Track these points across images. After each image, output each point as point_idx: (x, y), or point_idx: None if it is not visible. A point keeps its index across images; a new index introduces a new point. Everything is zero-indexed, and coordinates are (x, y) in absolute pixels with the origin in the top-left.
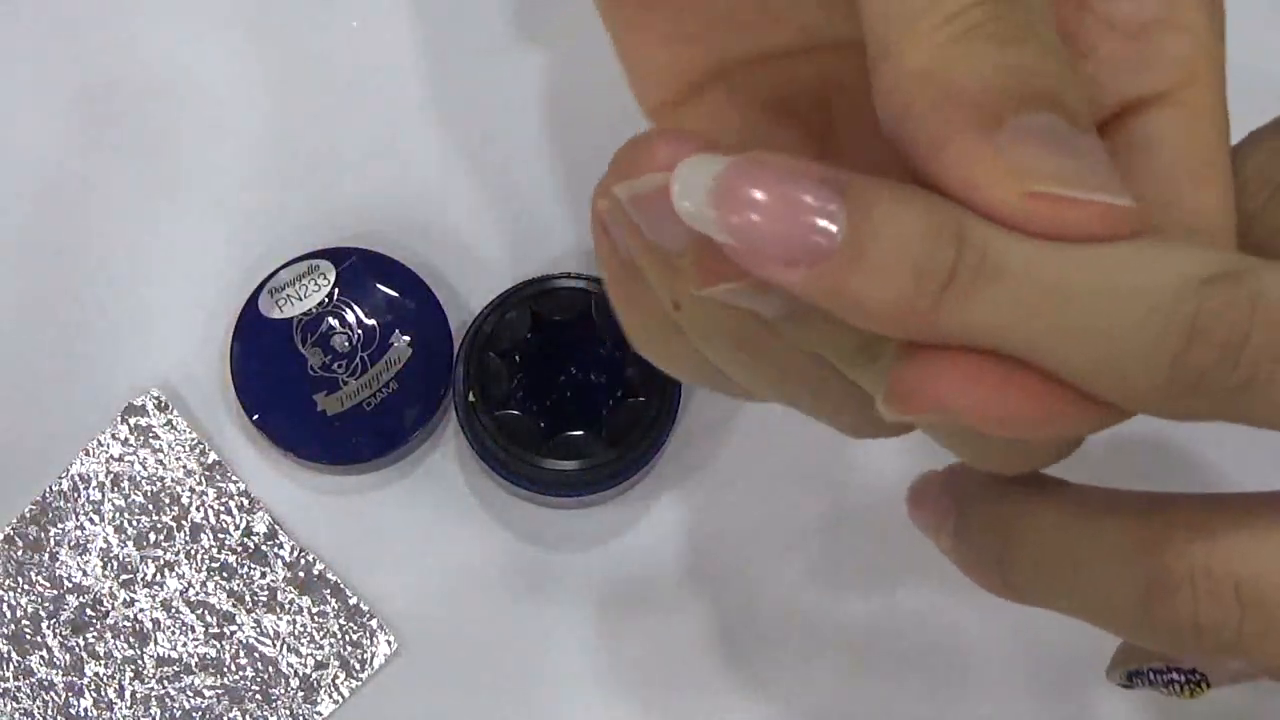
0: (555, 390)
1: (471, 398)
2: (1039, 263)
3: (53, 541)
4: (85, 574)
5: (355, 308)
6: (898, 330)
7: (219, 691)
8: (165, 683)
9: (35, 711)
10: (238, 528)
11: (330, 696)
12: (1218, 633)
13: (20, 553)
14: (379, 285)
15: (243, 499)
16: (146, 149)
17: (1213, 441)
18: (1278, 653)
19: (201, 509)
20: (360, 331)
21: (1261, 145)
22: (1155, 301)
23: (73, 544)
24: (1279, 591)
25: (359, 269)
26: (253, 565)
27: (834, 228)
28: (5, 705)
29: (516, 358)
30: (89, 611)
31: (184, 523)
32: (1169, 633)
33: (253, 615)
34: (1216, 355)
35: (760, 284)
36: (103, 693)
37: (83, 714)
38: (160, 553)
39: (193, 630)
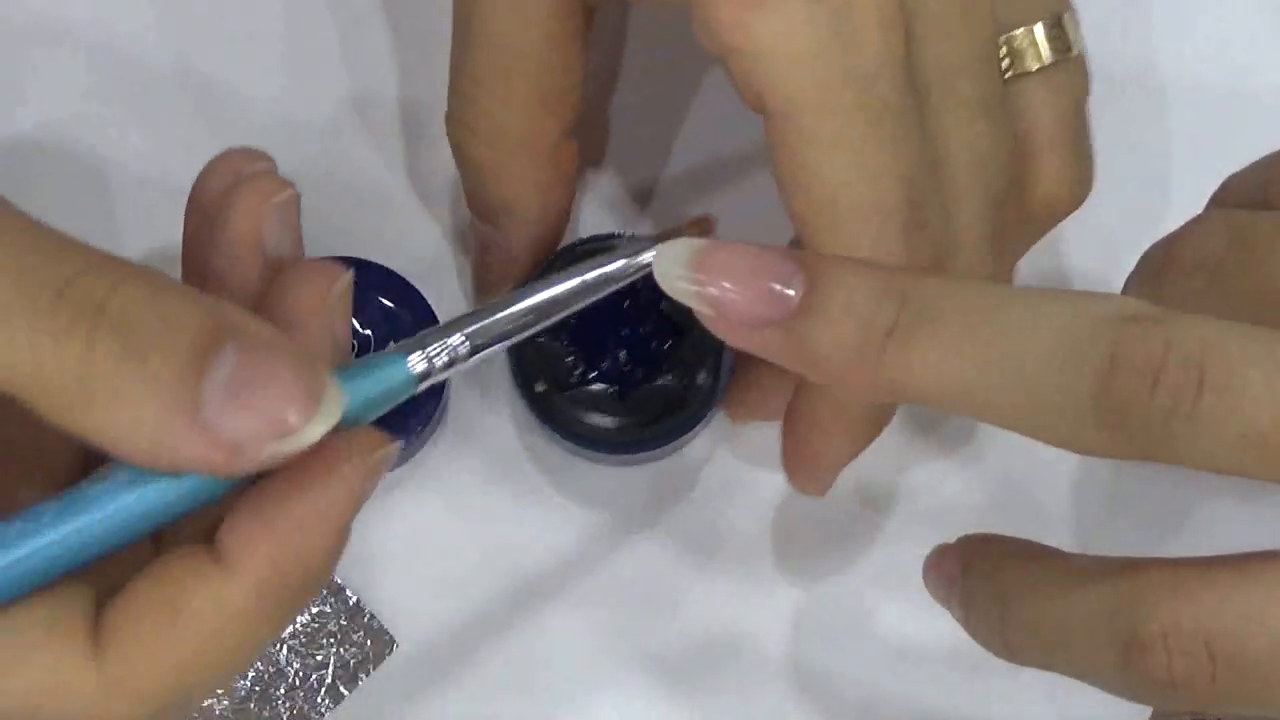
0: (607, 350)
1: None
2: (970, 307)
3: None
4: None
5: (351, 318)
6: (848, 381)
7: (219, 691)
8: None
9: None
10: None
11: (330, 696)
12: (1193, 687)
13: None
14: (375, 296)
15: None
16: (143, 158)
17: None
18: (1252, 703)
19: None
20: (356, 342)
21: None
22: (1076, 335)
23: None
24: (1246, 645)
25: (355, 280)
26: None
27: (792, 292)
28: None
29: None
30: None
31: None
32: (1150, 689)
33: None
34: (1136, 384)
35: None
36: None
37: None
38: None
39: None
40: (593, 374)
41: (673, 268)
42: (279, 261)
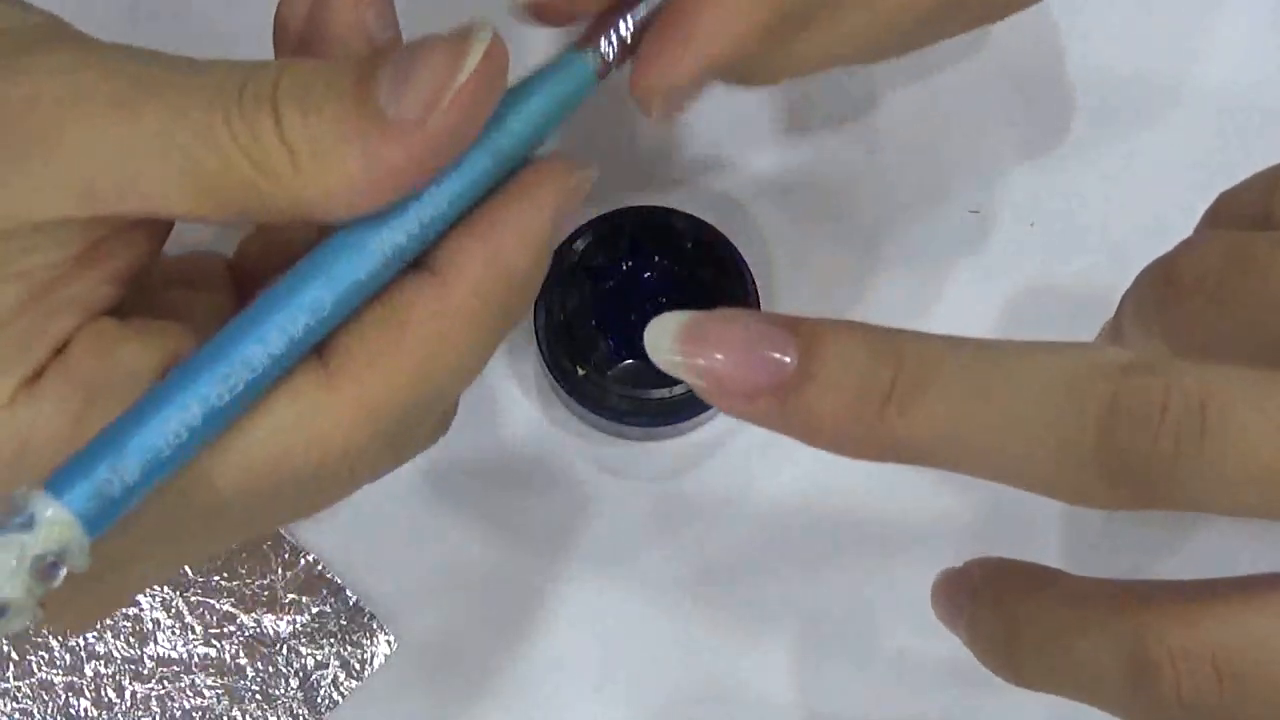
0: (635, 327)
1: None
2: (967, 365)
3: None
4: None
5: None
6: (848, 448)
7: (219, 691)
8: (165, 683)
9: (35, 711)
10: None
11: (330, 696)
12: (1201, 706)
13: None
14: None
15: None
16: None
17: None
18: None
19: None
20: None
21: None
22: (1074, 388)
23: None
24: (1252, 663)
25: None
26: (253, 565)
27: (788, 359)
28: (5, 705)
29: (608, 282)
30: None
31: None
32: (1158, 710)
33: (253, 615)
34: (1138, 431)
35: None
36: (103, 693)
37: (83, 714)
38: None
39: (193, 630)
40: (625, 351)
41: (664, 341)
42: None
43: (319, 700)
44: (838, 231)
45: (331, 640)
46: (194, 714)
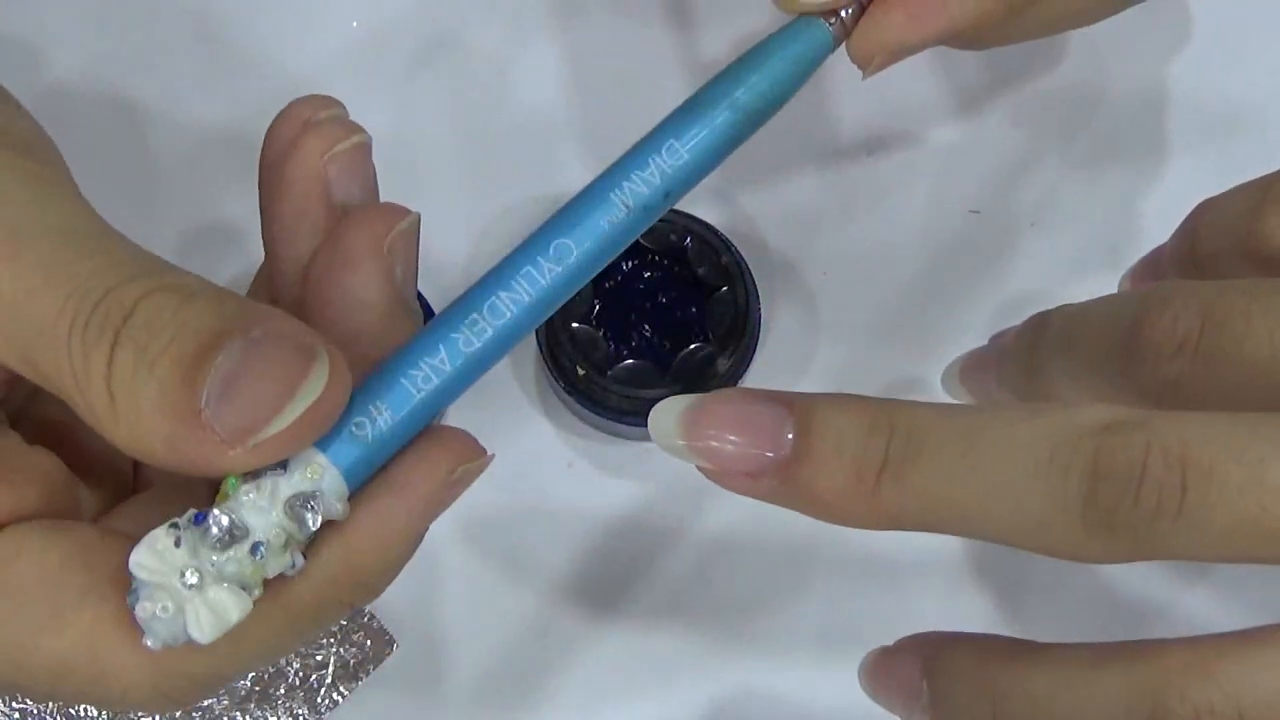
0: (634, 327)
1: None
2: (956, 432)
3: None
4: None
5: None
6: (850, 520)
7: (219, 692)
8: None
9: (35, 711)
10: None
11: (330, 696)
12: None
13: None
14: None
15: None
16: (139, 161)
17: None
18: None
19: None
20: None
21: None
22: (1055, 448)
23: None
24: None
25: None
26: None
27: (787, 435)
28: (5, 705)
29: (608, 282)
30: None
31: None
32: None
33: None
34: (1120, 491)
35: None
36: None
37: (83, 713)
38: None
39: None
40: (625, 351)
41: (668, 425)
42: (349, 210)
43: (319, 700)
44: (838, 232)
45: (331, 640)
46: (194, 714)
